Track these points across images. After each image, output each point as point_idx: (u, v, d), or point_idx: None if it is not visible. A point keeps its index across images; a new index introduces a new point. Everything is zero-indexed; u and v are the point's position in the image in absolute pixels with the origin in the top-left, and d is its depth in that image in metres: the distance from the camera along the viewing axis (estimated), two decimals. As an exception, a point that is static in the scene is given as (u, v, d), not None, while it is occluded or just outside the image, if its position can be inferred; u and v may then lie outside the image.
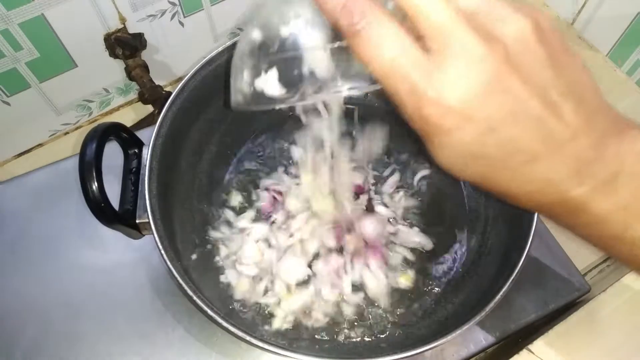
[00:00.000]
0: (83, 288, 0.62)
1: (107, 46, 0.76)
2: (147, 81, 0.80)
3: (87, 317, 0.61)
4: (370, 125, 0.71)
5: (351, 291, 0.59)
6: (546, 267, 0.63)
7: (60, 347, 0.59)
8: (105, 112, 0.87)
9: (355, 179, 0.64)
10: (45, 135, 0.84)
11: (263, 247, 0.61)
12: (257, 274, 0.60)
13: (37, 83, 0.74)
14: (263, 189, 0.65)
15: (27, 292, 0.62)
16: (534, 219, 0.53)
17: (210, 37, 0.86)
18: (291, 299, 0.58)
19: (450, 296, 0.59)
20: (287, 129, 0.70)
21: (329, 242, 0.60)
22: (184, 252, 0.57)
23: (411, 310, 0.59)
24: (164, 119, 0.57)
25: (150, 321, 0.60)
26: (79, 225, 0.66)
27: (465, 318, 0.49)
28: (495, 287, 0.51)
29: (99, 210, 0.49)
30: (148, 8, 0.75)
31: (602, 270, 0.75)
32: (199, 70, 0.60)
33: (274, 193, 0.64)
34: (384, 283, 0.60)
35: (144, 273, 0.63)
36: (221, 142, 0.68)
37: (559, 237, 0.66)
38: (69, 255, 0.64)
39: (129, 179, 0.56)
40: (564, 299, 0.62)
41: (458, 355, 0.59)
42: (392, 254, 0.62)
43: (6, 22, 0.64)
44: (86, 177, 0.48)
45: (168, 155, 0.58)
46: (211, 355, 0.59)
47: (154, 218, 0.52)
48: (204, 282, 0.56)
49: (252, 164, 0.68)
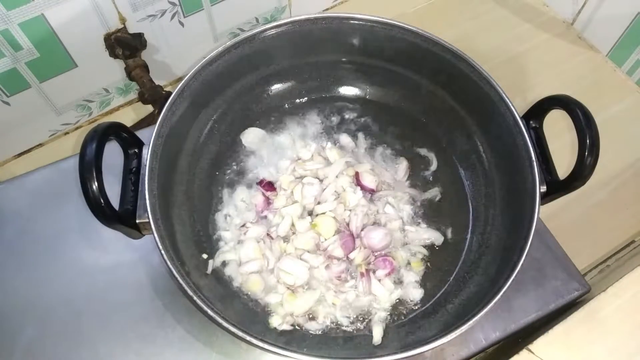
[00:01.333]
0: (83, 288, 0.62)
1: (107, 46, 0.76)
2: (147, 81, 0.80)
3: (87, 317, 0.61)
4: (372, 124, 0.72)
5: (355, 296, 0.59)
6: (546, 267, 0.63)
7: (60, 347, 0.59)
8: (105, 112, 0.87)
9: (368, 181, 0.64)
10: (45, 135, 0.84)
11: (263, 247, 0.61)
12: (257, 274, 0.60)
13: (37, 83, 0.74)
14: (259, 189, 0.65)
15: (27, 292, 0.62)
16: (534, 219, 0.53)
17: (210, 37, 0.86)
18: (292, 299, 0.58)
19: (451, 296, 0.59)
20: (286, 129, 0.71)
21: (337, 252, 0.60)
22: (184, 252, 0.57)
23: (412, 310, 0.59)
24: (164, 119, 0.57)
25: (150, 321, 0.60)
26: (79, 225, 0.66)
27: (465, 318, 0.49)
28: (495, 287, 0.51)
29: (99, 210, 0.49)
30: (148, 8, 0.75)
31: (602, 270, 0.75)
32: (199, 71, 0.60)
33: (269, 193, 0.64)
34: (392, 291, 0.60)
35: (144, 273, 0.63)
36: (221, 142, 0.68)
37: (559, 237, 0.66)
38: (69, 255, 0.64)
39: (129, 179, 0.56)
40: (564, 299, 0.62)
41: (458, 355, 0.59)
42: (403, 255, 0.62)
43: (6, 22, 0.64)
44: (86, 177, 0.48)
45: (168, 155, 0.58)
46: (211, 355, 0.59)
47: (154, 218, 0.52)
48: (204, 282, 0.57)
49: (251, 164, 0.68)
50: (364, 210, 0.62)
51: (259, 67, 0.68)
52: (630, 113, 0.89)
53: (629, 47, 0.89)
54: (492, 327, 0.60)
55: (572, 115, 0.54)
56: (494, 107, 0.60)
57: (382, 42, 0.65)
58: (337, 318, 0.58)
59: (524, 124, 0.57)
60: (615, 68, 0.93)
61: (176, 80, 0.90)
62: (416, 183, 0.67)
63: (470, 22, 0.99)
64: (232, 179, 0.67)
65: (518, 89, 0.90)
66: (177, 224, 0.58)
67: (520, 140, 0.57)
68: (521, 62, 0.94)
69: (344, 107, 0.72)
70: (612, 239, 0.78)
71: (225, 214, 0.64)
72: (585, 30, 0.96)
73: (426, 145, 0.70)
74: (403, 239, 0.63)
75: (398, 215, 0.64)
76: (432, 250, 0.63)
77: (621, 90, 0.91)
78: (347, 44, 0.67)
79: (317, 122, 0.71)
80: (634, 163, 0.84)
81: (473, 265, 0.61)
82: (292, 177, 0.65)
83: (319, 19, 0.64)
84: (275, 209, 0.63)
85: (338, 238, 0.60)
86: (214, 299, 0.52)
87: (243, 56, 0.64)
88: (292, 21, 0.63)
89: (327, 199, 0.63)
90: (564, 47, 0.96)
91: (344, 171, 0.65)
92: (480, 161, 0.66)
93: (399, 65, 0.68)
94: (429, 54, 0.64)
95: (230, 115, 0.68)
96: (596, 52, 0.95)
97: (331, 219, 0.61)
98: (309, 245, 0.60)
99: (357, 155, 0.68)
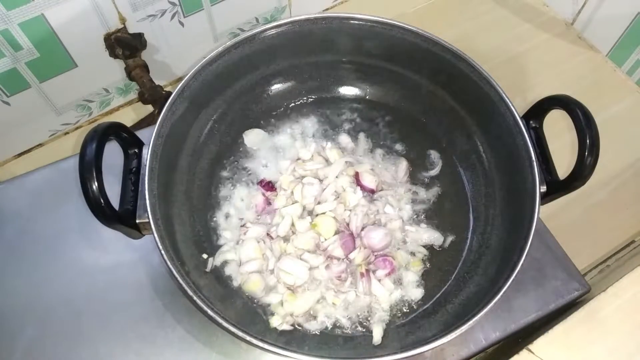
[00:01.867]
0: (83, 288, 0.62)
1: (107, 46, 0.76)
2: (147, 81, 0.80)
3: (87, 317, 0.61)
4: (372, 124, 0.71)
5: (355, 296, 0.59)
6: (546, 267, 0.63)
7: (60, 347, 0.59)
8: (105, 112, 0.87)
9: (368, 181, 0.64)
10: (45, 135, 0.84)
11: (263, 246, 0.61)
12: (257, 274, 0.60)
13: (37, 83, 0.74)
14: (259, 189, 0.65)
15: (27, 292, 0.62)
16: (534, 219, 0.53)
17: (210, 37, 0.86)
18: (293, 299, 0.58)
19: (450, 296, 0.59)
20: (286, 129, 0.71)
21: (337, 252, 0.60)
22: (184, 252, 0.57)
23: (412, 310, 0.59)
24: (164, 119, 0.57)
25: (150, 321, 0.60)
26: (79, 225, 0.66)
27: (465, 318, 0.49)
28: (495, 287, 0.51)
29: (99, 210, 0.49)
30: (148, 8, 0.75)
31: (602, 270, 0.75)
32: (199, 71, 0.60)
33: (269, 193, 0.64)
34: (391, 291, 0.60)
35: (144, 273, 0.63)
36: (221, 142, 0.68)
37: (559, 237, 0.66)
38: (69, 255, 0.64)
39: (129, 179, 0.56)
40: (564, 299, 0.62)
41: (458, 355, 0.59)
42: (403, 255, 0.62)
43: (6, 22, 0.64)
44: (86, 177, 0.48)
45: (168, 155, 0.58)
46: (211, 355, 0.59)
47: (154, 218, 0.52)
48: (204, 281, 0.56)
49: (251, 164, 0.68)
50: (364, 210, 0.62)
51: (259, 67, 0.68)
52: (630, 113, 0.89)
53: (629, 47, 0.89)
54: (492, 327, 0.60)
55: (572, 115, 0.54)
56: (494, 107, 0.60)
57: (382, 42, 0.65)
58: (337, 318, 0.58)
59: (524, 124, 0.57)
60: (615, 68, 0.93)
61: (176, 80, 0.90)
62: (416, 183, 0.67)
63: (470, 22, 0.99)
64: (232, 179, 0.67)
65: (518, 89, 0.90)
66: (177, 224, 0.58)
67: (520, 140, 0.57)
68: (521, 62, 0.94)
69: (344, 107, 0.72)
70: (612, 239, 0.78)
71: (225, 214, 0.64)
72: (585, 30, 0.96)
73: (426, 145, 0.70)
74: (403, 239, 0.63)
75: (398, 215, 0.64)
76: (432, 250, 0.63)
77: (621, 90, 0.91)
78: (347, 44, 0.67)
79: (317, 122, 0.71)
80: (634, 163, 0.84)
81: (473, 265, 0.61)
82: (292, 177, 0.65)
83: (319, 19, 0.64)
84: (275, 209, 0.63)
85: (338, 238, 0.60)
86: (214, 299, 0.52)
87: (243, 56, 0.64)
88: (292, 21, 0.63)
89: (327, 199, 0.63)
90: (564, 47, 0.96)
91: (344, 171, 0.65)
92: (480, 161, 0.66)
93: (399, 65, 0.68)
94: (429, 54, 0.64)
95: (230, 115, 0.68)
96: (596, 52, 0.95)
97: (331, 219, 0.61)
98: (309, 245, 0.60)
99: (357, 155, 0.68)
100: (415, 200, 0.66)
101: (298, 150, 0.68)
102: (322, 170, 0.65)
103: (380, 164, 0.68)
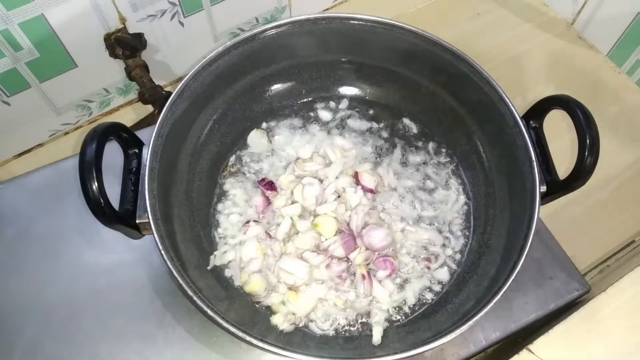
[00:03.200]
0: (83, 288, 0.62)
1: (107, 46, 0.76)
2: (147, 81, 0.80)
3: (87, 317, 0.61)
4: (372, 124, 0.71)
5: (355, 296, 0.59)
6: (546, 267, 0.63)
7: (60, 347, 0.59)
8: (105, 112, 0.87)
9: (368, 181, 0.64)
10: (45, 135, 0.84)
11: (264, 246, 0.61)
12: (258, 273, 0.60)
13: (37, 83, 0.74)
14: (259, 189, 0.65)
15: (27, 292, 0.62)
16: (534, 219, 0.53)
17: (210, 37, 0.86)
18: (294, 299, 0.58)
19: (450, 296, 0.59)
20: (286, 129, 0.71)
21: (338, 252, 0.60)
22: (184, 252, 0.57)
23: (412, 310, 0.59)
24: (164, 119, 0.57)
25: (150, 321, 0.60)
26: (79, 225, 0.66)
27: (465, 318, 0.49)
28: (495, 287, 0.51)
29: (99, 210, 0.49)
30: (148, 8, 0.75)
31: (602, 270, 0.75)
32: (199, 71, 0.60)
33: (269, 193, 0.64)
34: (392, 292, 0.60)
35: (144, 273, 0.63)
36: (221, 142, 0.68)
37: (559, 237, 0.66)
38: (69, 255, 0.64)
39: (129, 179, 0.56)
40: (564, 299, 0.62)
41: (458, 355, 0.59)
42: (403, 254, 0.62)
43: (6, 22, 0.64)
44: (86, 177, 0.48)
45: (168, 155, 0.58)
46: (211, 355, 0.59)
47: (154, 218, 0.52)
48: (204, 282, 0.56)
49: (251, 164, 0.68)
50: (364, 210, 0.62)
51: (259, 67, 0.68)
52: (630, 113, 0.89)
53: (629, 47, 0.89)
54: (492, 327, 0.60)
55: (572, 115, 0.54)
56: (494, 107, 0.60)
57: (382, 42, 0.65)
58: (338, 318, 0.58)
59: (524, 124, 0.57)
60: (615, 68, 0.93)
61: (176, 80, 0.90)
62: (416, 183, 0.67)
63: (470, 22, 0.99)
64: (232, 179, 0.67)
65: (518, 89, 0.90)
66: (177, 224, 0.58)
67: (520, 140, 0.57)
68: (521, 62, 0.94)
69: (344, 107, 0.72)
70: (612, 239, 0.78)
71: (225, 214, 0.64)
72: (585, 30, 0.96)
73: (426, 145, 0.70)
74: (403, 239, 0.63)
75: (398, 215, 0.64)
76: (432, 250, 0.63)
77: (621, 90, 0.91)
78: (347, 44, 0.67)
79: (317, 122, 0.71)
80: (634, 163, 0.84)
81: (473, 266, 0.61)
82: (292, 177, 0.65)
83: (319, 19, 0.64)
84: (275, 209, 0.63)
85: (339, 238, 0.60)
86: (214, 299, 0.52)
87: (243, 56, 0.64)
88: (292, 21, 0.63)
89: (327, 199, 0.63)
90: (564, 47, 0.96)
91: (344, 171, 0.65)
92: (480, 161, 0.66)
93: (399, 65, 0.68)
94: (429, 54, 0.64)
95: (230, 115, 0.68)
96: (596, 52, 0.95)
97: (332, 219, 0.61)
98: (309, 245, 0.60)
99: (357, 156, 0.68)
100: (415, 200, 0.66)
101: (298, 150, 0.68)
102: (322, 170, 0.65)
103: (380, 163, 0.68)
